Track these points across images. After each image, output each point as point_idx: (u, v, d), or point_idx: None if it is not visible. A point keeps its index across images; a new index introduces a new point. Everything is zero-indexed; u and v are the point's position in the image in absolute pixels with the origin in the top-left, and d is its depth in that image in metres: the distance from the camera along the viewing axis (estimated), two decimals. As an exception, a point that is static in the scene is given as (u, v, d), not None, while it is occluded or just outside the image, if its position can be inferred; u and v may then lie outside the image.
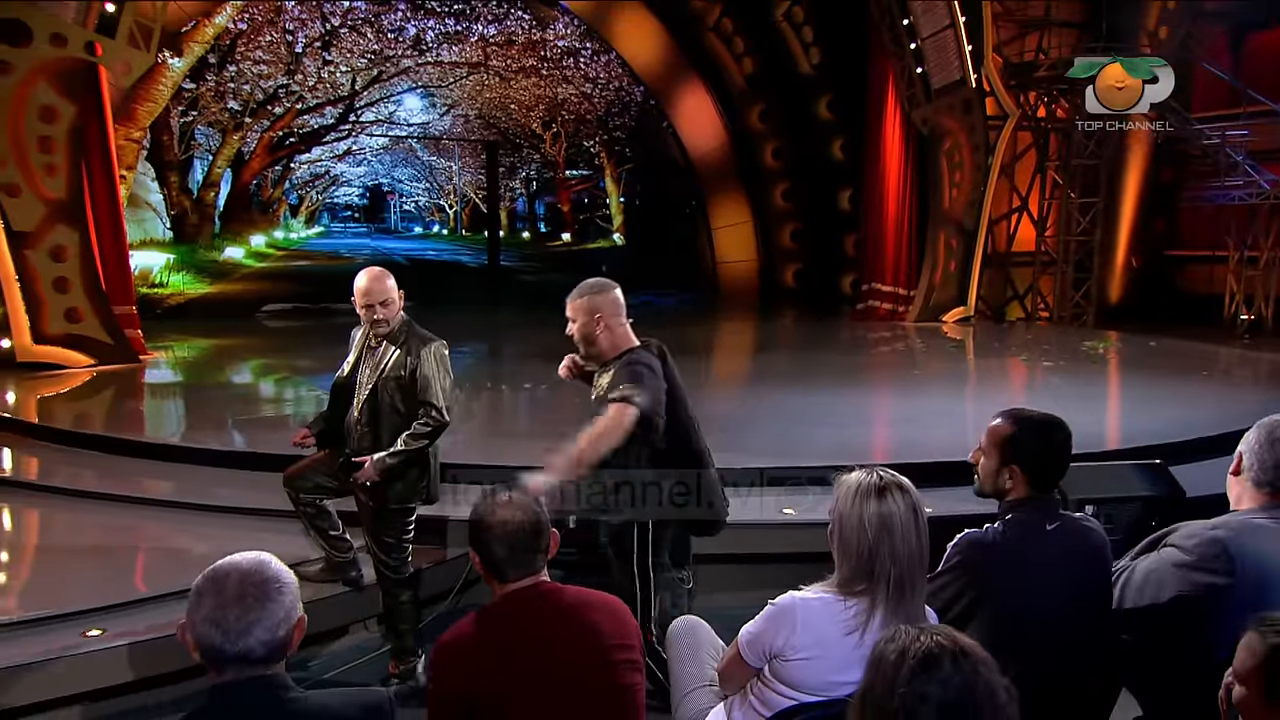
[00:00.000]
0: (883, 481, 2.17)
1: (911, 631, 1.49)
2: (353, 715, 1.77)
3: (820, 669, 2.13)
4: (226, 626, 1.66)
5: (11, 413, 7.24)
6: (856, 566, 2.14)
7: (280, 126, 17.88)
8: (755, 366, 11.25)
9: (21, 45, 8.43)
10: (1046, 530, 2.41)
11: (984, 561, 2.38)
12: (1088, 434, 6.22)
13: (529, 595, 2.10)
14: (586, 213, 21.50)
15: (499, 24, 17.89)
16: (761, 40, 15.78)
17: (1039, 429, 2.48)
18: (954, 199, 13.25)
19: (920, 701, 1.40)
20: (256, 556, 1.76)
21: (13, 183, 8.58)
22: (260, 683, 1.70)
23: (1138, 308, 14.83)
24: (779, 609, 2.18)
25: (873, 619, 2.11)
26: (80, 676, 3.49)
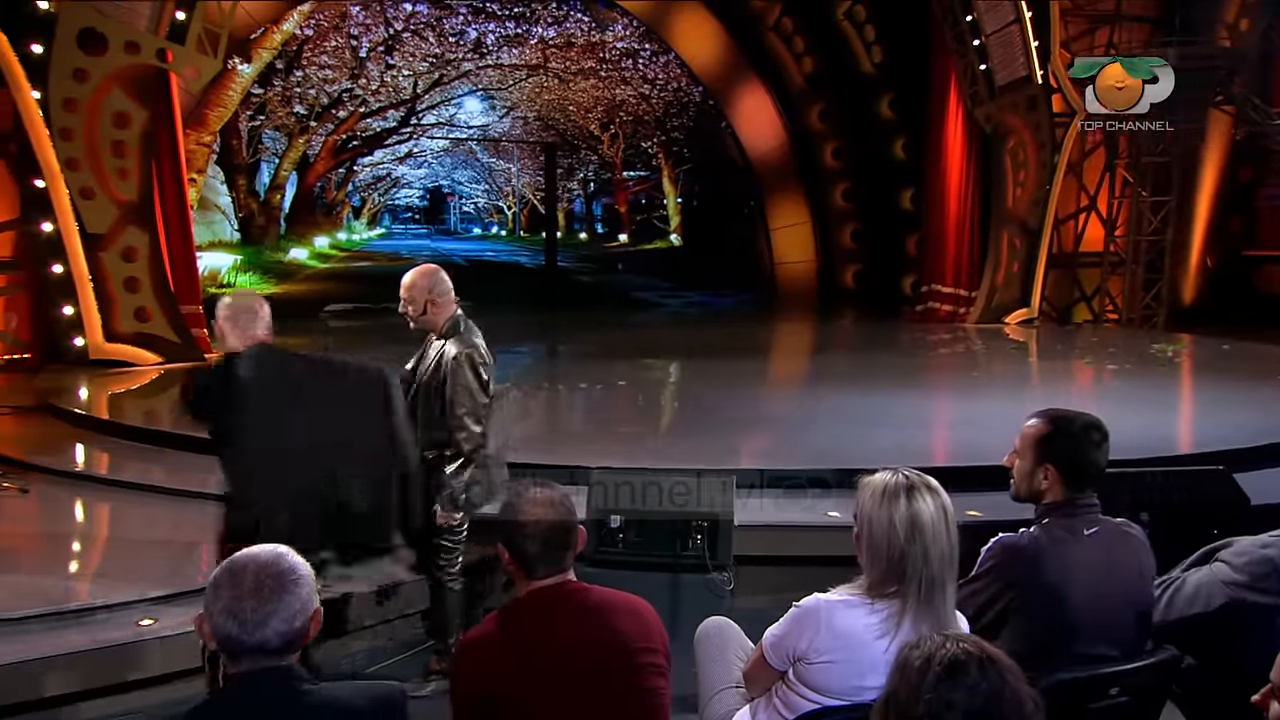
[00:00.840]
0: (910, 481, 2.13)
1: (937, 638, 1.48)
2: (364, 708, 1.78)
3: (845, 672, 2.10)
4: (244, 618, 1.70)
5: (84, 409, 7.49)
6: (886, 569, 2.10)
7: (344, 130, 18.27)
8: (813, 367, 11.18)
9: (97, 54, 8.74)
10: (1085, 535, 2.35)
11: (1018, 567, 2.33)
12: (1152, 438, 6.07)
13: (554, 594, 2.10)
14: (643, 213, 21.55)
15: (559, 26, 18.05)
16: (822, 39, 15.66)
17: (1075, 428, 2.42)
18: (1018, 198, 12.98)
19: (946, 708, 1.39)
20: (274, 549, 1.80)
21: (87, 186, 8.89)
22: (275, 674, 1.73)
23: (1212, 310, 14.35)
24: (803, 611, 2.15)
25: (903, 623, 2.07)
26: (130, 665, 3.60)
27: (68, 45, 8.59)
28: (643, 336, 13.33)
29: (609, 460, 4.96)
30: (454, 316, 3.68)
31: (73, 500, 5.54)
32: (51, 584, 4.15)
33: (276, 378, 3.19)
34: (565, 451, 5.82)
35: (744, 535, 4.21)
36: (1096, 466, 2.41)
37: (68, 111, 8.68)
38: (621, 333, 13.34)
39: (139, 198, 9.17)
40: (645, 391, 9.00)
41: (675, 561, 3.86)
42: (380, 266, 18.29)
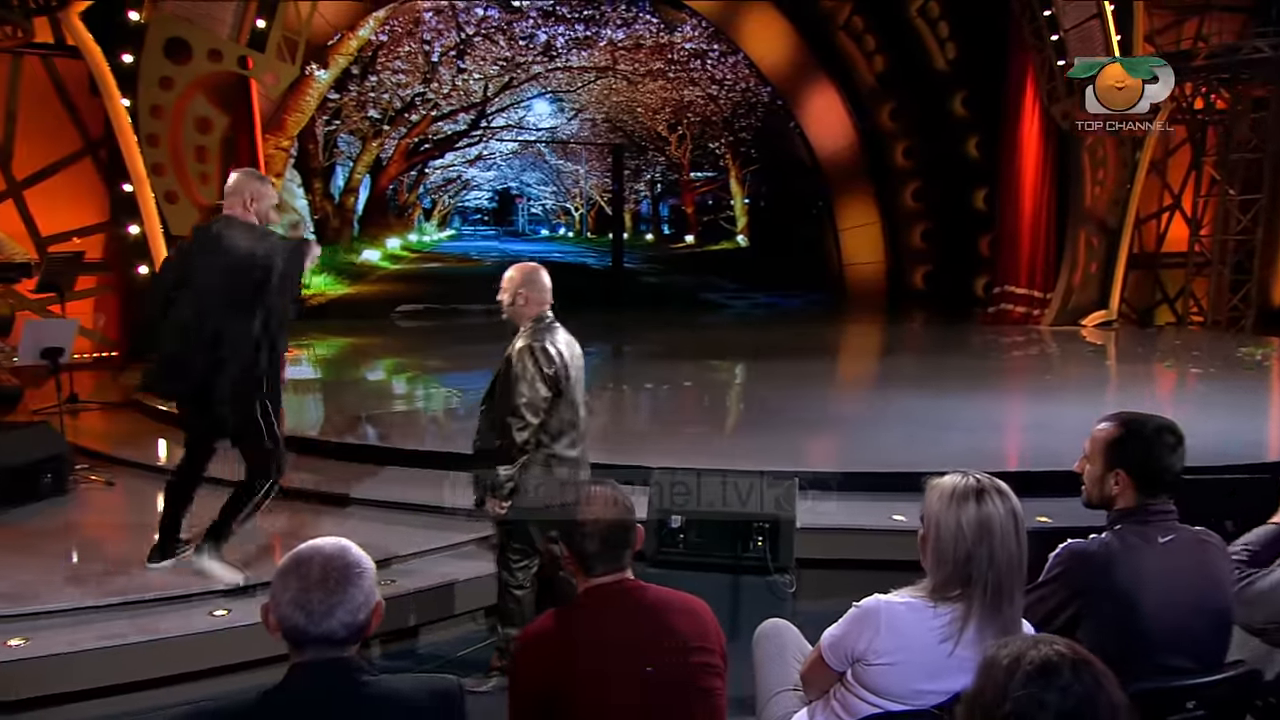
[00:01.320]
0: (980, 485, 2.08)
1: (1027, 639, 1.46)
2: (422, 701, 1.81)
3: (905, 675, 2.07)
4: (310, 609, 1.73)
5: (167, 406, 7.74)
6: (952, 572, 2.06)
7: (416, 133, 18.56)
8: (881, 369, 11.02)
9: (183, 62, 9.04)
10: (1159, 542, 2.27)
11: (1087, 573, 2.27)
12: (1238, 444, 5.84)
13: (612, 592, 2.12)
14: (710, 214, 21.44)
15: (627, 28, 18.07)
16: (894, 37, 15.42)
17: (1147, 431, 2.35)
18: (1096, 197, 12.63)
19: (1037, 708, 1.36)
20: (337, 542, 1.83)
21: (172, 190, 9.20)
22: (337, 664, 1.76)
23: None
24: (862, 611, 2.13)
25: (967, 627, 2.03)
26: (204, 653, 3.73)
27: (155, 54, 8.90)
28: (709, 337, 13.30)
29: (673, 460, 4.96)
30: (541, 315, 3.74)
31: (154, 493, 5.73)
32: (133, 573, 4.29)
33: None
34: (629, 451, 5.82)
35: (807, 538, 4.18)
36: (1171, 471, 2.33)
37: (154, 118, 8.99)
38: (687, 333, 13.32)
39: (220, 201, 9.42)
40: (711, 392, 8.98)
41: (736, 563, 3.85)
42: (450, 267, 18.54)
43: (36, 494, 5.28)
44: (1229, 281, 13.07)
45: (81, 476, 5.69)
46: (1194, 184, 13.53)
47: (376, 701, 1.77)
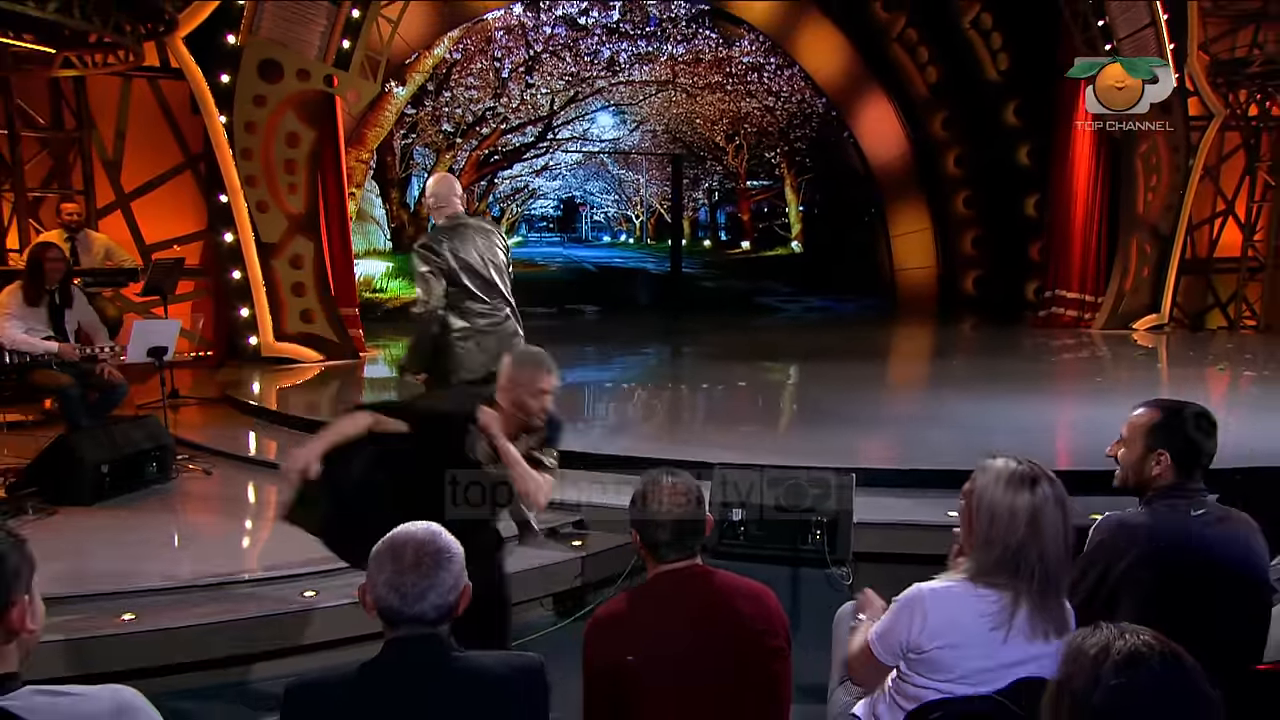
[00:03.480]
0: (1034, 472, 2.04)
1: (1113, 629, 1.42)
2: (507, 674, 1.85)
3: (959, 656, 2.01)
4: (404, 591, 1.79)
5: (257, 400, 7.97)
6: (1000, 557, 2.00)
7: (486, 145, 18.79)
8: (933, 371, 10.84)
9: (274, 81, 9.28)
10: (1192, 515, 2.30)
11: (1130, 542, 2.26)
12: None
13: (681, 576, 2.13)
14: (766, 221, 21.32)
15: (687, 43, 18.07)
16: (946, 48, 15.16)
17: (1185, 414, 2.41)
18: (1149, 203, 12.27)
19: (1129, 698, 1.33)
20: (429, 527, 1.88)
21: (263, 200, 9.44)
22: (429, 640, 1.82)
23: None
24: (906, 601, 2.08)
25: (1016, 615, 1.97)
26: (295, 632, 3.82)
27: (250, 74, 9.15)
28: (763, 340, 13.22)
29: (730, 456, 4.96)
30: (452, 217, 4.49)
31: (247, 482, 5.91)
32: (230, 556, 4.44)
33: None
34: (689, 448, 5.83)
35: (863, 532, 4.14)
36: (1207, 453, 2.38)
37: (248, 133, 9.24)
38: (743, 336, 13.27)
39: (306, 210, 9.67)
40: (765, 393, 8.93)
41: (795, 556, 3.83)
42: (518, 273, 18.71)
43: (143, 481, 5.48)
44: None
45: (182, 466, 5.89)
46: (1248, 189, 13.08)
47: (466, 675, 1.82)
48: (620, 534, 4.61)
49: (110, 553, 4.41)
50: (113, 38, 7.62)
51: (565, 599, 4.48)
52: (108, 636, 3.62)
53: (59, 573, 3.98)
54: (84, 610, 3.76)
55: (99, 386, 6.02)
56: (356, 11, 9.46)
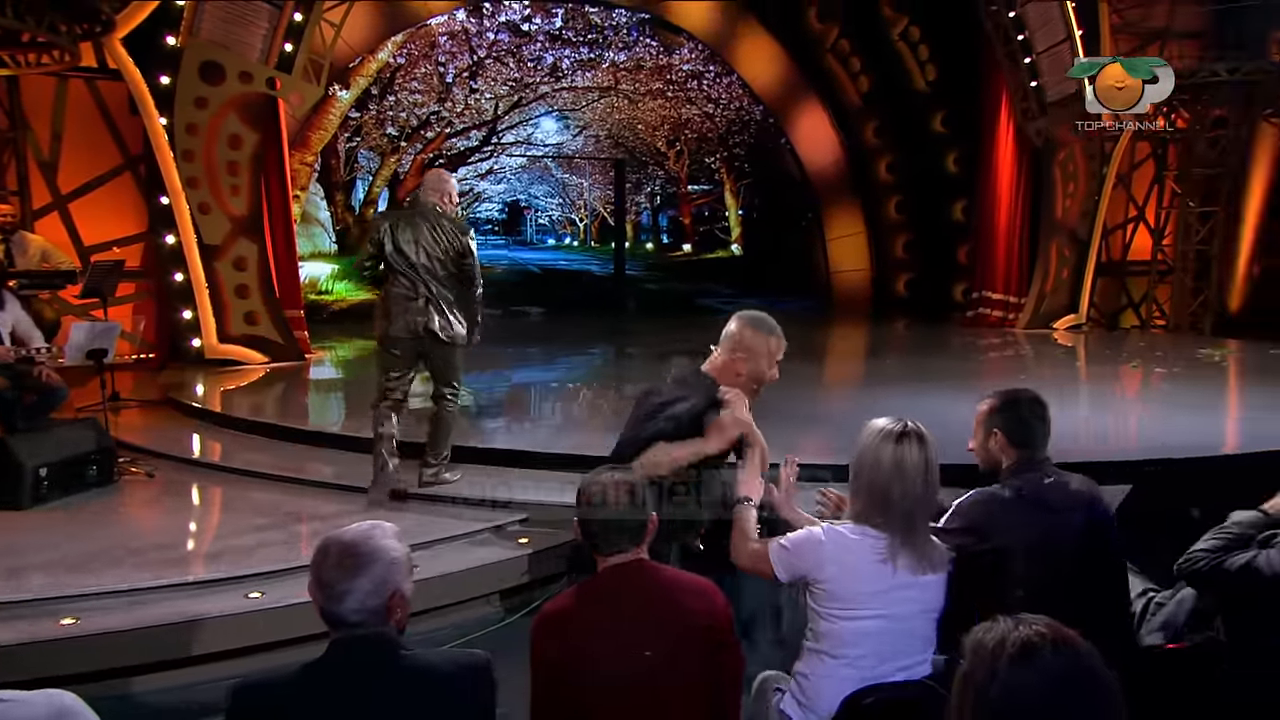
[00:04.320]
0: (904, 428, 2.27)
1: (1009, 621, 1.45)
2: (455, 673, 1.83)
3: (855, 582, 2.26)
4: (327, 590, 1.77)
5: (200, 403, 7.77)
6: (869, 501, 2.27)
7: (431, 149, 18.59)
8: (869, 369, 11.04)
9: (216, 83, 9.06)
10: (1044, 484, 2.52)
11: (989, 514, 2.48)
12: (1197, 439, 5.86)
13: (627, 571, 2.14)
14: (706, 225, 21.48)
15: (629, 51, 18.11)
16: (877, 59, 15.44)
17: (1017, 399, 2.67)
18: (1067, 208, 12.65)
19: (1024, 689, 1.36)
20: (363, 529, 1.83)
21: (205, 202, 9.21)
22: (373, 639, 1.78)
23: (1258, 317, 13.79)
24: (812, 537, 2.33)
25: (899, 552, 2.23)
26: (241, 633, 3.74)
27: (191, 76, 8.92)
28: (706, 340, 13.28)
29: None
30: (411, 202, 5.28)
31: (191, 484, 5.76)
32: (173, 559, 4.32)
33: None
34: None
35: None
36: (1038, 429, 2.62)
37: (189, 135, 9.01)
38: (686, 337, 13.32)
39: (249, 212, 9.47)
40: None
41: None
42: (464, 274, 18.63)
43: (84, 484, 5.31)
44: (1189, 288, 13.11)
45: (124, 468, 5.72)
46: (1157, 197, 13.55)
47: (411, 673, 1.79)
48: (567, 531, 4.61)
49: (50, 556, 4.26)
50: (47, 37, 7.36)
51: (513, 595, 4.45)
52: (48, 641, 3.50)
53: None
54: (23, 615, 3.63)
55: (37, 389, 5.81)
56: (299, 15, 9.28)
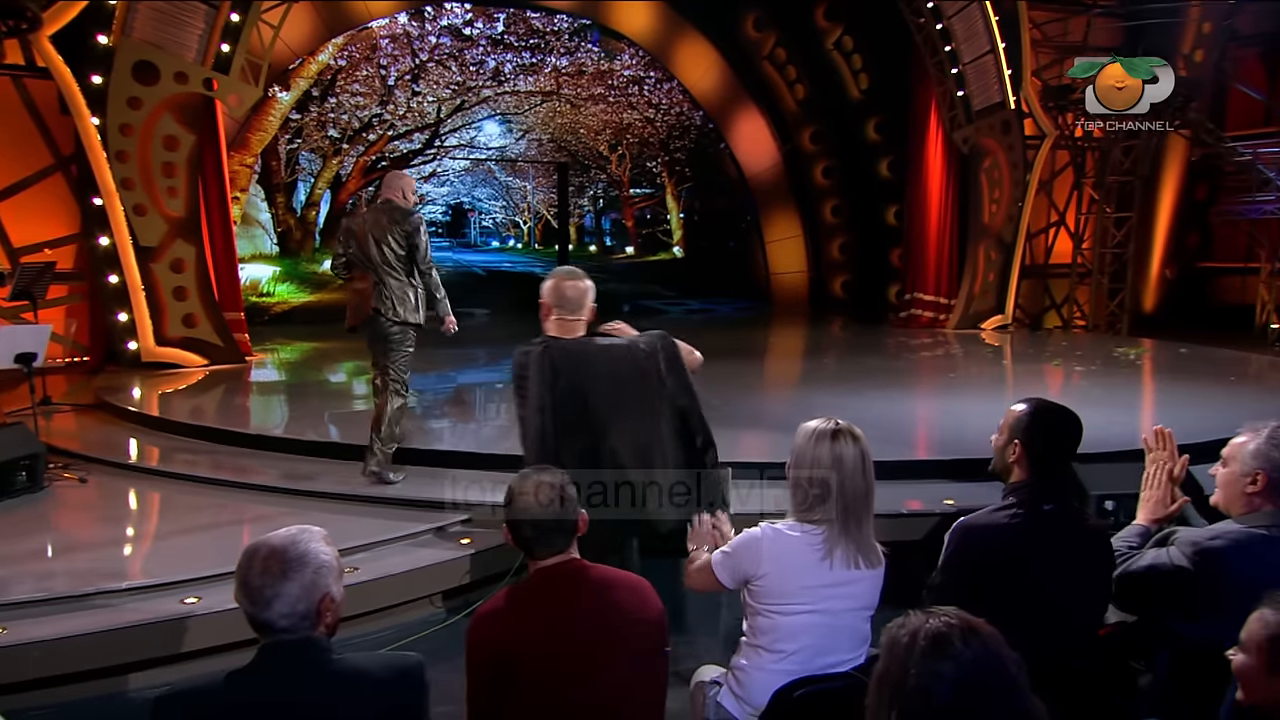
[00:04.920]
0: (837, 427, 2.30)
1: (921, 615, 1.48)
2: (386, 677, 1.78)
3: (792, 578, 2.27)
4: (254, 596, 1.72)
5: (137, 406, 7.54)
6: (808, 497, 2.28)
7: (374, 151, 18.30)
8: (806, 369, 11.17)
9: (150, 84, 8.80)
10: (1044, 510, 2.38)
11: (981, 547, 2.36)
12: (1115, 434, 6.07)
13: (559, 572, 2.12)
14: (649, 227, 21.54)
15: (570, 56, 18.07)
16: (813, 68, 15.65)
17: (1050, 414, 2.47)
18: (993, 214, 12.98)
19: (935, 680, 1.38)
20: (291, 534, 1.78)
21: (140, 203, 8.94)
22: (302, 644, 1.74)
23: (1171, 317, 14.36)
24: (751, 537, 2.33)
25: (835, 547, 2.25)
26: (176, 639, 3.64)
27: (124, 76, 8.65)
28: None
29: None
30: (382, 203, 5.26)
31: (125, 488, 5.58)
32: (107, 565, 4.18)
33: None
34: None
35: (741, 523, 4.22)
36: (1062, 454, 2.46)
37: (123, 136, 8.74)
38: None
39: (187, 214, 9.22)
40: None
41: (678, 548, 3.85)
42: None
43: (13, 490, 5.11)
44: (1107, 290, 13.55)
45: (56, 474, 5.52)
46: (1076, 203, 13.99)
47: (341, 678, 1.75)
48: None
49: (-24, 566, 4.09)
50: (-29, 34, 7.07)
51: (455, 596, 4.41)
52: (-26, 653, 3.36)
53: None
54: (-53, 627, 3.48)
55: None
56: (236, 15, 9.06)
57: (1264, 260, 12.84)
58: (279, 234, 16.96)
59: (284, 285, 16.03)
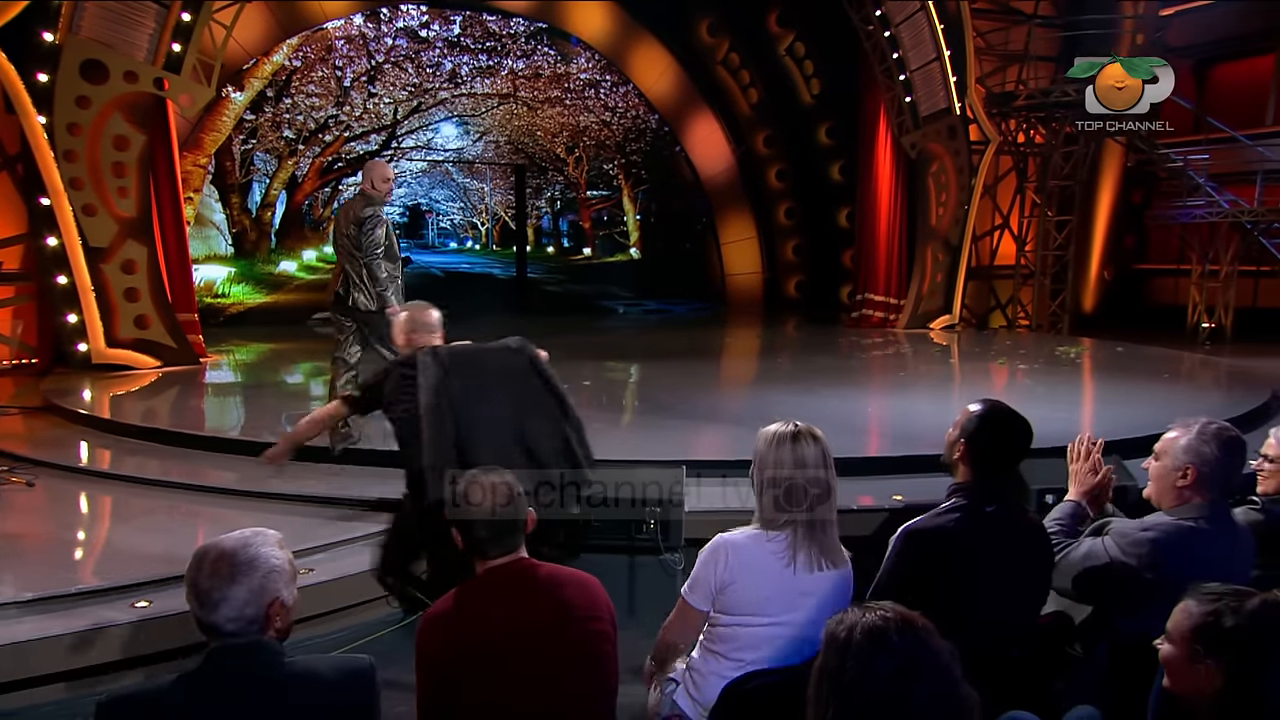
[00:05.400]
0: (797, 429, 2.26)
1: (859, 610, 1.50)
2: (336, 680, 1.76)
3: (757, 588, 2.21)
4: (202, 598, 1.68)
5: (87, 409, 7.34)
6: (775, 500, 2.23)
7: (330, 153, 18.01)
8: (760, 368, 11.25)
9: (99, 83, 8.57)
10: (985, 512, 2.38)
11: (924, 551, 2.36)
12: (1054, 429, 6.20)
13: (508, 572, 2.10)
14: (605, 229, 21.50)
15: (527, 59, 17.95)
16: (766, 73, 15.78)
17: (999, 417, 2.45)
18: (940, 217, 13.20)
19: (870, 672, 1.41)
20: (241, 538, 1.75)
21: (90, 203, 8.71)
22: (251, 647, 1.71)
23: (1109, 316, 14.74)
24: (710, 549, 2.27)
25: (799, 551, 2.20)
26: (127, 644, 3.55)
27: (71, 74, 8.41)
28: (606, 341, 13.33)
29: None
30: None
31: (75, 492, 5.44)
32: (54, 568, 4.06)
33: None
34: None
35: (696, 520, 4.24)
36: (1004, 458, 2.45)
37: (71, 135, 8.50)
38: (586, 337, 13.33)
39: (138, 214, 9.00)
40: (608, 391, 9.00)
41: (631, 545, 3.87)
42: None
43: (-45, 497, 4.94)
44: (1049, 290, 13.86)
45: (3, 477, 5.35)
46: (1019, 207, 14.28)
47: (291, 681, 1.72)
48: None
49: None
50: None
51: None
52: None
53: None
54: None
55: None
56: (187, 15, 8.86)
57: (1195, 262, 13.22)
58: (234, 235, 16.61)
59: (239, 286, 15.71)
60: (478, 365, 3.43)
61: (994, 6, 13.96)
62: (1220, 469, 2.39)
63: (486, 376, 3.41)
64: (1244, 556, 2.40)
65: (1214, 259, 12.97)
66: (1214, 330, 12.90)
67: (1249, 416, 6.91)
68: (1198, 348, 12.19)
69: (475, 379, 3.36)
